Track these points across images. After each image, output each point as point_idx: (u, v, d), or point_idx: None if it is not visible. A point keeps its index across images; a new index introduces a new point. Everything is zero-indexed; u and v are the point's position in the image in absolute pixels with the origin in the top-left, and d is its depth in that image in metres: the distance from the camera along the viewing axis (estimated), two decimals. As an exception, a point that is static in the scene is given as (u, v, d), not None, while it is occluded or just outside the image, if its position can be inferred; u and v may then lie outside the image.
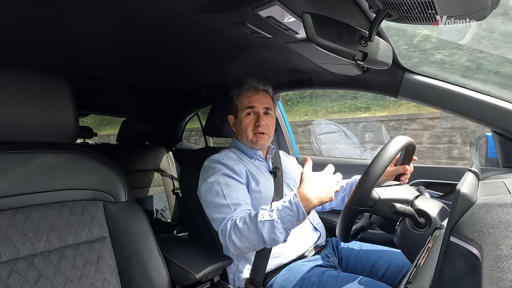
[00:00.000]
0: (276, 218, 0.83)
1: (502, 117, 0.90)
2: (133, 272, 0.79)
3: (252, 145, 1.12)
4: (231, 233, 0.88)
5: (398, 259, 1.00)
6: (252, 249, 0.89)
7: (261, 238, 0.84)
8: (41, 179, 0.73)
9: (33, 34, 0.95)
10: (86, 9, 0.79)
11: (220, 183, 0.99)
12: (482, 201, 0.45)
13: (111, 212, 0.82)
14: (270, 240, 0.84)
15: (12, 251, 0.65)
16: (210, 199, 0.98)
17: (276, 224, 0.83)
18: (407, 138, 0.80)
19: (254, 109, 1.10)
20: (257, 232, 0.84)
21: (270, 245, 0.87)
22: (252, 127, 1.10)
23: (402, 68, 1.03)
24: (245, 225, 0.87)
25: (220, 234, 0.93)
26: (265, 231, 0.83)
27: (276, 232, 0.82)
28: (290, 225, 0.83)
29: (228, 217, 0.92)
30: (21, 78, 0.71)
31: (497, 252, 0.33)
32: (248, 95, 1.12)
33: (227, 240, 0.89)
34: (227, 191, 0.97)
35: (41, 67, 0.76)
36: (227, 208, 0.93)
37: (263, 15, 0.74)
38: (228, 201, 0.95)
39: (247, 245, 0.87)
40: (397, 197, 0.75)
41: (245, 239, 0.86)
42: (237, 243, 0.87)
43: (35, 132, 0.73)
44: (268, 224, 0.83)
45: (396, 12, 0.61)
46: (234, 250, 0.91)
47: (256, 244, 0.86)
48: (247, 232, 0.86)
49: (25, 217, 0.69)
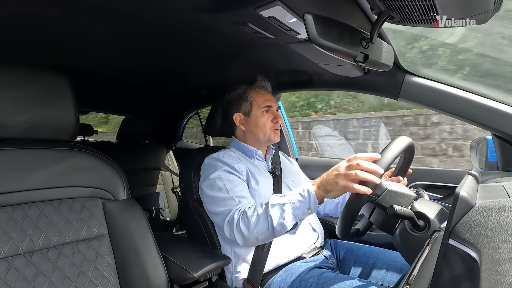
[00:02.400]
0: (286, 202, 0.82)
1: (503, 121, 0.90)
2: (131, 270, 0.79)
3: (267, 141, 1.15)
4: (239, 222, 0.88)
5: (396, 261, 1.00)
6: (260, 240, 0.87)
7: (270, 223, 0.82)
8: (41, 176, 0.73)
9: (34, 31, 0.95)
10: (88, 7, 0.79)
11: (223, 178, 0.99)
12: (481, 204, 0.45)
13: (110, 210, 0.82)
14: (279, 225, 0.81)
15: (10, 248, 0.65)
16: (213, 195, 0.98)
17: (286, 208, 0.81)
18: (409, 139, 0.81)
19: (271, 108, 1.14)
20: (266, 218, 0.83)
21: (278, 233, 0.83)
22: (271, 124, 1.13)
23: (403, 70, 1.03)
24: (255, 212, 0.86)
25: (226, 226, 0.92)
26: (274, 215, 0.82)
27: (284, 217, 0.81)
28: (300, 213, 0.81)
29: (234, 208, 0.92)
30: (22, 75, 0.71)
31: (495, 256, 0.33)
32: (262, 93, 1.16)
33: (235, 229, 0.88)
34: (230, 186, 0.97)
35: (42, 64, 0.76)
36: (232, 201, 0.94)
37: (265, 15, 0.74)
38: (232, 194, 0.95)
39: (255, 234, 0.85)
40: (403, 191, 0.75)
41: (254, 227, 0.85)
42: (245, 233, 0.86)
43: (35, 129, 0.73)
44: (278, 208, 0.83)
45: (398, 14, 0.61)
46: (241, 241, 0.89)
47: (265, 232, 0.84)
48: (256, 219, 0.85)
49: (24, 213, 0.69)
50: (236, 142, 1.19)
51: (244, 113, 1.15)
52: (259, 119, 1.13)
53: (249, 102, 1.14)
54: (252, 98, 1.14)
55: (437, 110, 1.02)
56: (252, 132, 1.14)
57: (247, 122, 1.15)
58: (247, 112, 1.15)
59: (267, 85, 1.20)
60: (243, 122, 1.16)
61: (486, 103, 0.92)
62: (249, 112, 1.14)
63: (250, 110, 1.14)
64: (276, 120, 1.14)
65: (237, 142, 1.18)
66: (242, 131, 1.17)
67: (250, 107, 1.14)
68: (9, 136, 0.70)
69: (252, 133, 1.14)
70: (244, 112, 1.15)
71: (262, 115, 1.13)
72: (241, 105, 1.15)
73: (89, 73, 1.48)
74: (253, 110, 1.14)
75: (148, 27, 0.91)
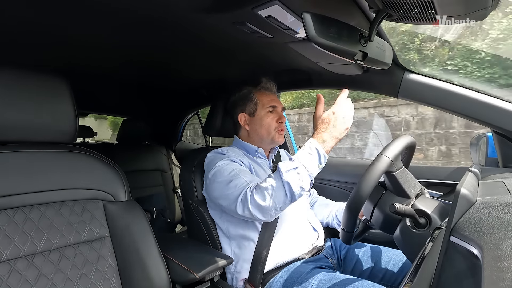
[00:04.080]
0: (299, 165, 0.84)
1: (502, 117, 0.90)
2: (133, 272, 0.79)
3: (271, 142, 1.16)
4: (254, 196, 0.87)
5: (398, 260, 1.00)
6: (278, 209, 0.86)
7: (288, 190, 0.83)
8: (41, 178, 0.73)
9: (33, 33, 0.95)
10: (85, 8, 0.79)
11: (230, 164, 1.01)
12: (482, 201, 0.45)
13: (111, 211, 0.82)
14: (298, 189, 0.83)
15: (12, 250, 0.65)
16: (222, 180, 0.98)
17: (301, 170, 0.83)
18: (411, 138, 0.81)
19: (276, 108, 1.15)
20: (282, 185, 0.84)
21: (298, 196, 0.85)
22: (275, 124, 1.14)
23: (402, 68, 1.03)
24: (267, 183, 0.86)
25: (239, 204, 0.90)
26: (292, 180, 0.83)
27: (302, 179, 0.83)
28: (314, 171, 0.85)
29: (245, 187, 0.91)
30: (21, 77, 0.71)
31: (497, 252, 0.33)
32: (267, 94, 1.17)
33: (250, 205, 0.87)
34: (239, 170, 0.98)
35: (40, 66, 0.76)
36: (242, 181, 0.94)
37: (263, 14, 0.74)
38: (243, 176, 0.96)
39: (273, 204, 0.85)
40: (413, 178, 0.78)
41: (270, 198, 0.85)
42: (263, 204, 0.85)
43: (35, 131, 0.73)
44: (293, 173, 0.84)
45: (396, 12, 0.61)
46: (259, 214, 0.87)
47: (283, 199, 0.85)
48: (271, 190, 0.85)
49: (25, 216, 0.69)
50: (238, 141, 1.20)
51: (249, 113, 1.16)
52: (264, 119, 1.13)
53: (253, 102, 1.15)
54: (257, 99, 1.15)
55: (437, 108, 1.02)
56: (256, 132, 1.15)
57: (251, 122, 1.16)
58: (251, 112, 1.15)
59: (271, 86, 1.20)
60: (248, 122, 1.16)
61: (485, 100, 0.92)
62: (253, 112, 1.15)
63: (255, 110, 1.14)
64: (281, 121, 1.14)
65: (239, 142, 1.19)
66: (246, 131, 1.18)
67: (255, 107, 1.14)
68: (8, 139, 0.70)
69: (257, 133, 1.15)
70: (249, 113, 1.15)
71: (267, 115, 1.13)
72: (246, 105, 1.16)
73: (89, 74, 1.48)
74: (257, 110, 1.14)
75: (147, 27, 0.91)
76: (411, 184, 0.76)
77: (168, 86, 1.84)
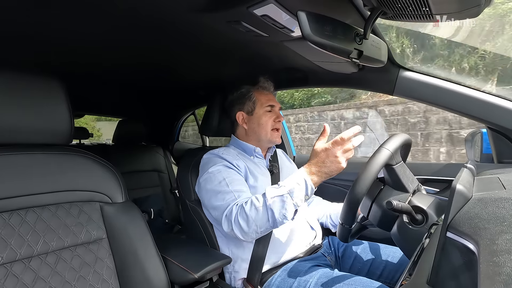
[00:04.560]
0: (285, 193, 0.84)
1: (496, 114, 0.91)
2: (131, 273, 0.79)
3: (268, 142, 1.16)
4: (238, 217, 0.88)
5: (396, 256, 1.01)
6: (259, 233, 0.88)
7: (271, 216, 0.84)
8: (36, 181, 0.73)
9: (27, 34, 0.94)
10: (80, 9, 0.79)
11: (222, 172, 1.00)
12: (477, 197, 0.46)
13: (108, 213, 0.82)
14: (280, 217, 0.83)
15: (8, 254, 0.65)
16: (212, 188, 0.98)
17: (286, 199, 0.83)
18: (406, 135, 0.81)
19: (274, 108, 1.16)
20: (266, 211, 0.84)
21: (279, 223, 0.85)
22: (272, 123, 1.14)
23: (398, 66, 1.04)
24: (252, 206, 0.86)
25: (224, 221, 0.92)
26: (275, 208, 0.83)
27: (286, 207, 0.83)
28: (299, 201, 0.84)
29: (232, 203, 0.92)
30: (14, 79, 0.70)
31: (493, 247, 0.33)
32: (265, 93, 1.18)
33: (233, 224, 0.88)
34: (229, 180, 0.98)
35: (34, 67, 0.75)
36: (231, 195, 0.94)
37: (258, 13, 0.74)
38: (231, 188, 0.95)
39: (254, 228, 0.86)
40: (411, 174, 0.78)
41: (253, 221, 0.85)
42: (244, 227, 0.86)
43: (29, 133, 0.72)
44: (278, 200, 0.84)
45: (391, 10, 0.61)
46: (240, 235, 0.89)
47: (264, 225, 0.85)
48: (255, 213, 0.85)
49: (21, 219, 0.69)
50: (235, 140, 1.20)
51: (247, 112, 1.16)
52: (262, 117, 1.14)
53: (252, 101, 1.15)
54: (255, 97, 1.15)
55: (432, 105, 1.03)
56: (254, 131, 1.15)
57: (249, 121, 1.16)
58: (250, 111, 1.16)
59: (269, 86, 1.21)
60: (246, 121, 1.17)
61: (480, 96, 0.92)
62: (252, 111, 1.15)
63: (253, 109, 1.15)
64: (279, 120, 1.15)
65: (236, 141, 1.19)
66: (244, 130, 1.18)
67: (253, 106, 1.15)
68: (3, 141, 0.70)
69: (254, 132, 1.15)
70: (247, 111, 1.16)
71: (264, 114, 1.14)
72: (244, 104, 1.16)
73: (84, 75, 1.47)
74: (256, 109, 1.15)
75: (141, 27, 0.91)
76: (410, 179, 0.77)
77: (164, 87, 1.83)
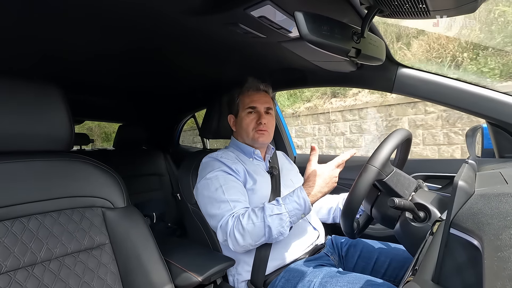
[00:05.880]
0: (284, 212, 0.86)
1: (496, 108, 0.90)
2: (135, 278, 0.79)
3: (253, 142, 1.14)
4: (234, 229, 0.88)
5: (399, 254, 1.00)
6: (253, 245, 0.89)
7: (268, 232, 0.86)
8: (38, 188, 0.73)
9: (26, 43, 0.95)
10: (77, 17, 0.79)
11: (219, 179, 0.99)
12: (480, 192, 0.45)
13: (110, 218, 0.82)
14: (277, 234, 0.86)
15: (11, 262, 0.65)
16: (208, 195, 0.98)
17: (284, 217, 0.86)
18: (407, 131, 0.81)
19: (256, 109, 1.13)
20: (263, 226, 0.86)
21: (275, 239, 0.88)
22: (254, 125, 1.12)
23: (396, 63, 1.04)
24: (249, 220, 0.87)
25: (219, 231, 0.92)
26: (273, 225, 0.85)
27: (283, 225, 0.86)
28: (296, 219, 0.88)
29: (227, 214, 0.92)
30: (13, 87, 0.70)
31: (497, 242, 0.33)
32: (249, 94, 1.15)
33: (228, 236, 0.89)
34: (226, 187, 0.97)
35: (34, 75, 0.75)
36: (226, 204, 0.94)
37: (255, 15, 0.74)
38: (227, 197, 0.95)
39: (250, 241, 0.87)
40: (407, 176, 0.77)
41: (249, 235, 0.86)
42: (239, 240, 0.87)
43: (30, 141, 0.72)
44: (276, 218, 0.86)
45: (387, 7, 0.61)
46: (234, 247, 0.90)
47: (260, 239, 0.87)
48: (252, 227, 0.86)
49: (24, 226, 0.69)
50: (234, 142, 1.19)
51: (235, 115, 1.17)
52: (243, 120, 1.13)
53: (236, 104, 1.15)
54: (239, 100, 1.15)
55: (431, 101, 1.03)
56: (239, 133, 1.16)
57: (236, 124, 1.17)
58: (236, 114, 1.16)
59: (258, 85, 1.16)
60: (234, 124, 1.18)
61: (479, 91, 0.92)
62: (237, 113, 1.16)
63: (237, 111, 1.15)
64: (260, 121, 1.11)
65: (236, 142, 1.18)
66: (235, 132, 1.19)
67: (237, 108, 1.15)
68: (3, 149, 0.70)
69: (240, 135, 1.16)
70: (235, 114, 1.17)
71: (246, 116, 1.12)
72: (232, 106, 1.17)
73: (83, 81, 1.47)
74: (239, 111, 1.15)
75: (140, 33, 0.91)
76: (405, 185, 0.75)
77: (164, 90, 1.83)
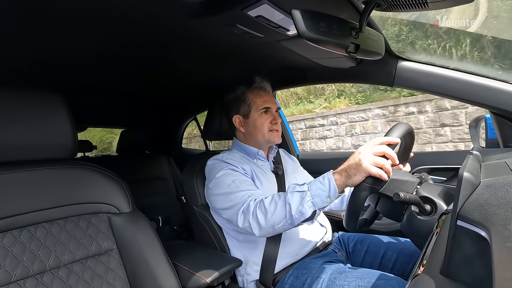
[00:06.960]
0: (306, 190, 0.80)
1: (499, 98, 0.90)
2: (143, 282, 0.79)
3: (267, 143, 1.14)
4: (256, 210, 0.85)
5: (406, 248, 1.00)
6: (276, 229, 0.84)
7: (288, 212, 0.80)
8: (44, 196, 0.73)
9: (27, 50, 0.95)
10: (78, 22, 0.79)
11: (230, 175, 0.99)
12: (486, 183, 0.45)
13: (116, 223, 0.82)
14: (297, 213, 0.79)
15: (21, 271, 0.65)
16: (223, 191, 0.97)
17: (305, 196, 0.79)
18: (408, 125, 0.81)
19: (270, 109, 1.12)
20: (284, 205, 0.81)
21: (296, 221, 0.81)
22: (268, 125, 1.11)
23: (396, 57, 1.03)
24: (273, 200, 0.84)
25: (241, 216, 0.89)
26: (293, 202, 0.80)
27: (304, 204, 0.79)
28: (319, 201, 0.78)
29: (247, 199, 0.90)
30: (15, 96, 0.71)
31: (505, 233, 0.32)
32: (261, 94, 1.14)
33: (251, 218, 0.86)
34: (239, 181, 0.97)
35: (35, 83, 0.75)
36: (243, 193, 0.93)
37: (253, 15, 0.74)
38: (242, 187, 0.94)
39: (272, 223, 0.83)
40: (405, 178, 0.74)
41: (271, 215, 0.82)
42: (261, 221, 0.84)
43: (34, 150, 0.73)
44: (297, 196, 0.80)
45: (385, 1, 0.61)
46: (257, 230, 0.86)
47: (282, 220, 0.82)
48: (274, 207, 0.83)
49: (31, 235, 0.69)
50: (237, 143, 1.18)
51: (243, 115, 1.14)
52: (258, 120, 1.11)
53: (247, 104, 1.12)
54: (250, 100, 1.12)
55: (433, 93, 1.02)
56: (251, 134, 1.13)
57: (246, 124, 1.14)
58: (245, 114, 1.13)
59: (266, 85, 1.17)
60: (242, 124, 1.15)
61: (480, 81, 0.92)
62: (247, 114, 1.13)
63: (248, 112, 1.12)
64: (275, 122, 1.12)
65: (239, 143, 1.18)
66: (242, 133, 1.16)
67: (248, 109, 1.12)
68: (7, 159, 0.70)
69: (252, 135, 1.13)
70: (243, 114, 1.13)
71: (260, 116, 1.11)
72: (239, 107, 1.14)
73: (85, 88, 1.48)
74: (251, 112, 1.12)
75: (138, 37, 0.91)
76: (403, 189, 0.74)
77: (164, 94, 1.84)
